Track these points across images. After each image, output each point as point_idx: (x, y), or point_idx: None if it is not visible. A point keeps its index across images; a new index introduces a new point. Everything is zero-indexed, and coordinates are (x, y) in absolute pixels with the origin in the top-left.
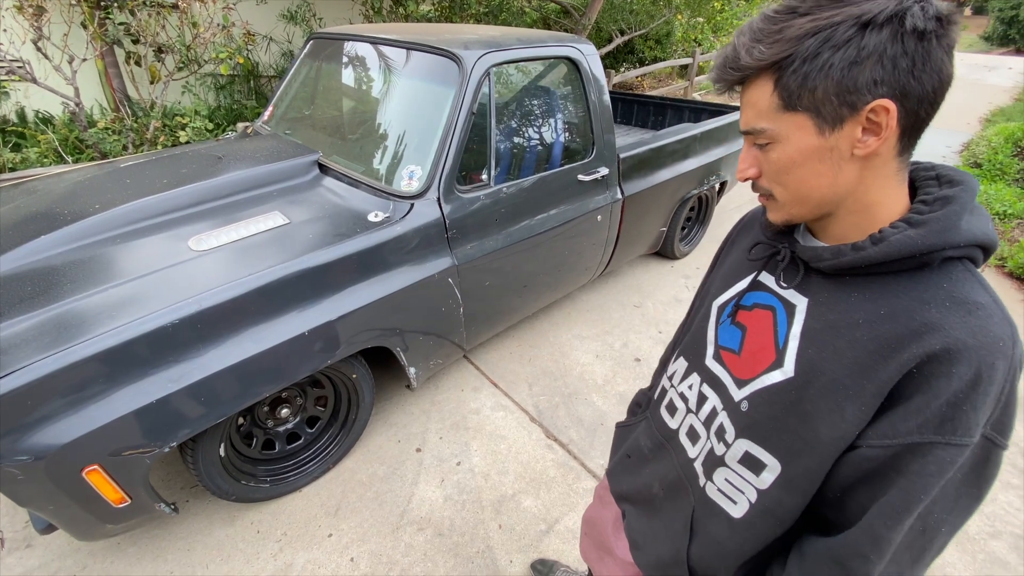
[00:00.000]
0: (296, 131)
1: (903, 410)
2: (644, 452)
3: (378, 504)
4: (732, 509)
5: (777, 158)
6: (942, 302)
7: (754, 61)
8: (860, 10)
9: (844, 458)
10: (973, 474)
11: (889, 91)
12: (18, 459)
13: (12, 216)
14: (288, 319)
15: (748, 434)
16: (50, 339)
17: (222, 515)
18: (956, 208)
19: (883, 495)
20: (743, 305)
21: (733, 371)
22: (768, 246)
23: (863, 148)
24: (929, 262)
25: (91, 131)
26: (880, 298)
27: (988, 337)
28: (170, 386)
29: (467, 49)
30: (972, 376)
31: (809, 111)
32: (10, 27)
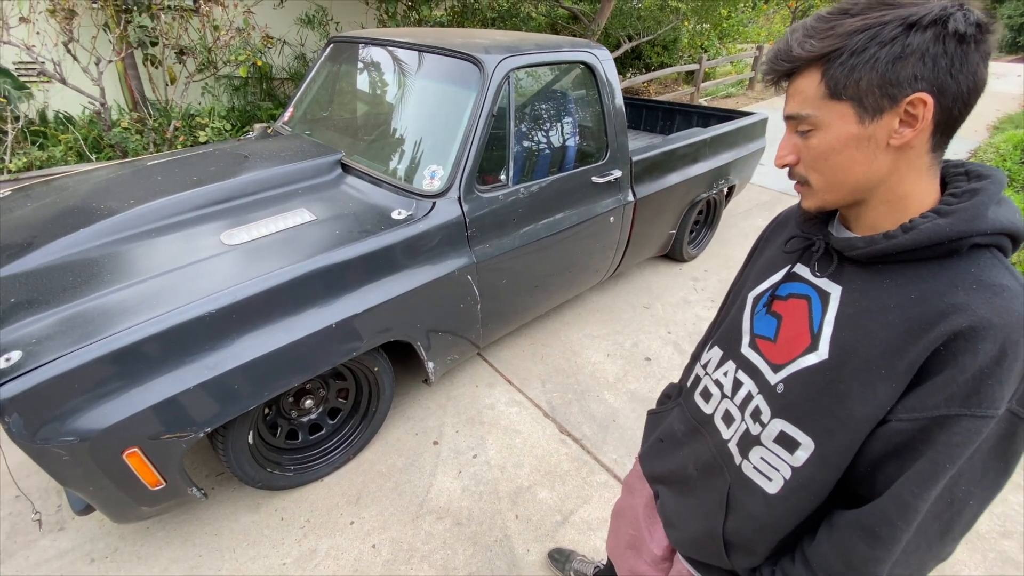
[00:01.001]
0: (316, 132)
1: (931, 385)
2: (678, 436)
3: (398, 494)
4: (768, 486)
5: (817, 144)
6: (969, 285)
7: (806, 53)
8: (907, 12)
9: (875, 433)
10: (1000, 448)
11: (927, 87)
12: (64, 440)
13: (48, 211)
14: (317, 312)
15: (783, 414)
16: (94, 327)
17: (247, 502)
18: (983, 199)
19: (911, 466)
20: (778, 295)
21: (769, 357)
22: (803, 239)
23: (898, 139)
24: (957, 249)
25: (114, 131)
26: (911, 284)
27: (1013, 316)
28: (207, 373)
29: (488, 54)
30: (997, 352)
31: (852, 100)
32: (42, 30)
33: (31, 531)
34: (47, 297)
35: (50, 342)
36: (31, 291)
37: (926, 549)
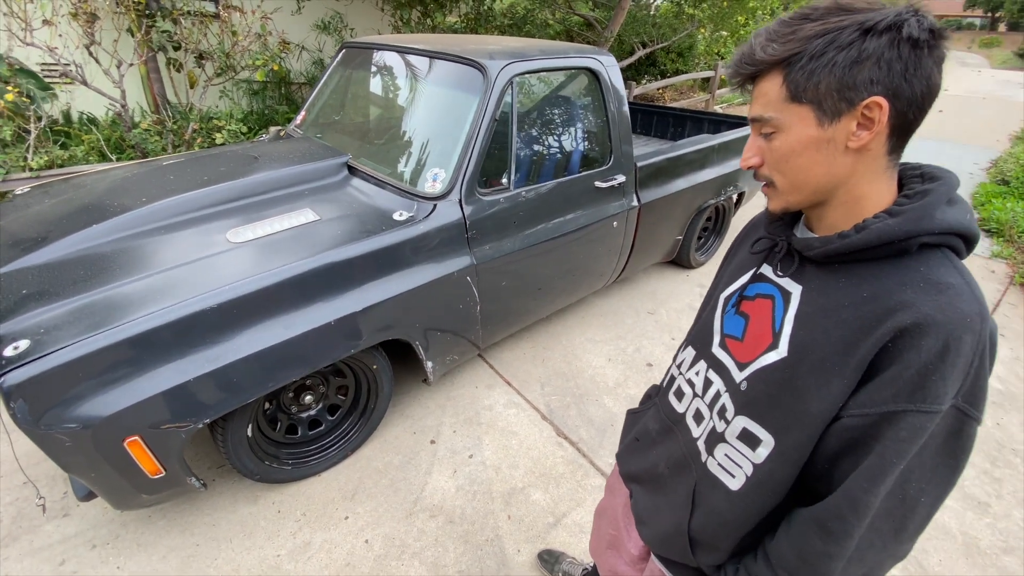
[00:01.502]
0: (327, 135)
1: (879, 381)
2: (652, 435)
3: (393, 491)
4: (730, 482)
5: (779, 146)
6: (916, 283)
7: (768, 56)
8: (864, 17)
9: (829, 429)
10: (947, 445)
11: (883, 90)
12: (67, 427)
13: (65, 207)
14: (316, 309)
15: (746, 411)
16: (100, 318)
17: (246, 494)
18: (933, 200)
19: (861, 462)
20: (746, 295)
21: (736, 356)
22: (768, 240)
23: (856, 141)
24: (907, 248)
25: (134, 132)
26: (864, 282)
27: (956, 313)
28: (207, 366)
29: (492, 59)
30: (940, 348)
31: (812, 103)
32: (65, 32)
33: (37, 516)
34: (57, 289)
35: (57, 332)
36: (43, 283)
37: (881, 547)
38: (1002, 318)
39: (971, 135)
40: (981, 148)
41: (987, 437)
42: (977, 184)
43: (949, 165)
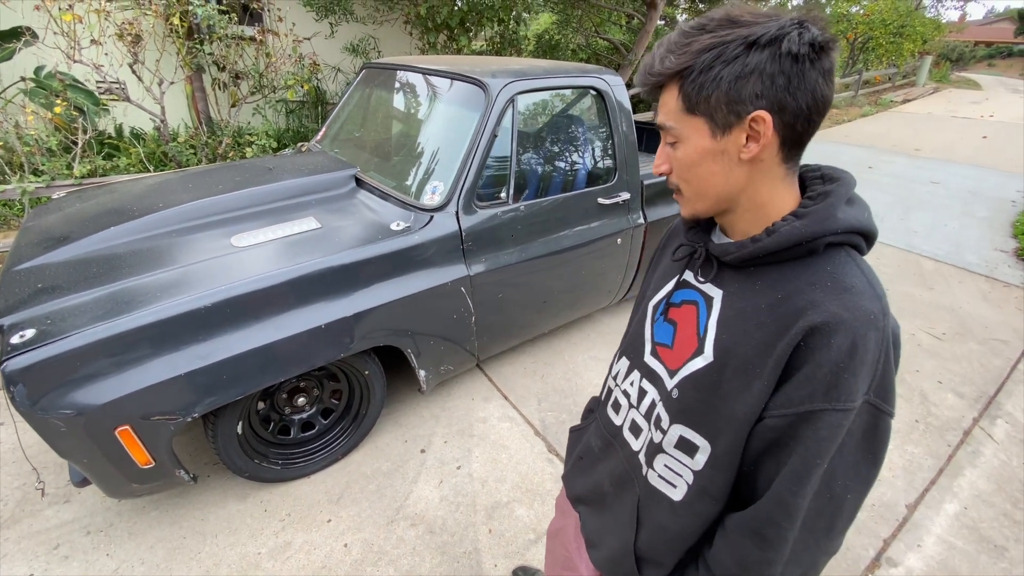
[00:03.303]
0: (343, 150)
1: (795, 381)
2: (595, 452)
3: (378, 497)
4: (672, 493)
5: (681, 156)
6: (824, 283)
7: (664, 69)
8: (749, 31)
9: (753, 431)
10: (866, 440)
11: (767, 104)
12: (62, 412)
13: (91, 210)
14: (308, 312)
15: (680, 419)
16: (104, 311)
17: (236, 491)
18: (833, 200)
19: (785, 464)
20: (673, 303)
21: (667, 363)
22: (688, 246)
23: (747, 153)
24: (815, 249)
25: (172, 144)
26: (778, 284)
27: (860, 311)
28: (198, 362)
29: (494, 77)
30: (848, 346)
31: (705, 116)
32: (110, 52)
33: (40, 500)
34: (69, 284)
35: (62, 323)
36: (57, 279)
37: (815, 546)
38: None
39: (1016, 163)
40: (1010, 175)
41: (1011, 477)
42: (1020, 212)
43: (990, 193)
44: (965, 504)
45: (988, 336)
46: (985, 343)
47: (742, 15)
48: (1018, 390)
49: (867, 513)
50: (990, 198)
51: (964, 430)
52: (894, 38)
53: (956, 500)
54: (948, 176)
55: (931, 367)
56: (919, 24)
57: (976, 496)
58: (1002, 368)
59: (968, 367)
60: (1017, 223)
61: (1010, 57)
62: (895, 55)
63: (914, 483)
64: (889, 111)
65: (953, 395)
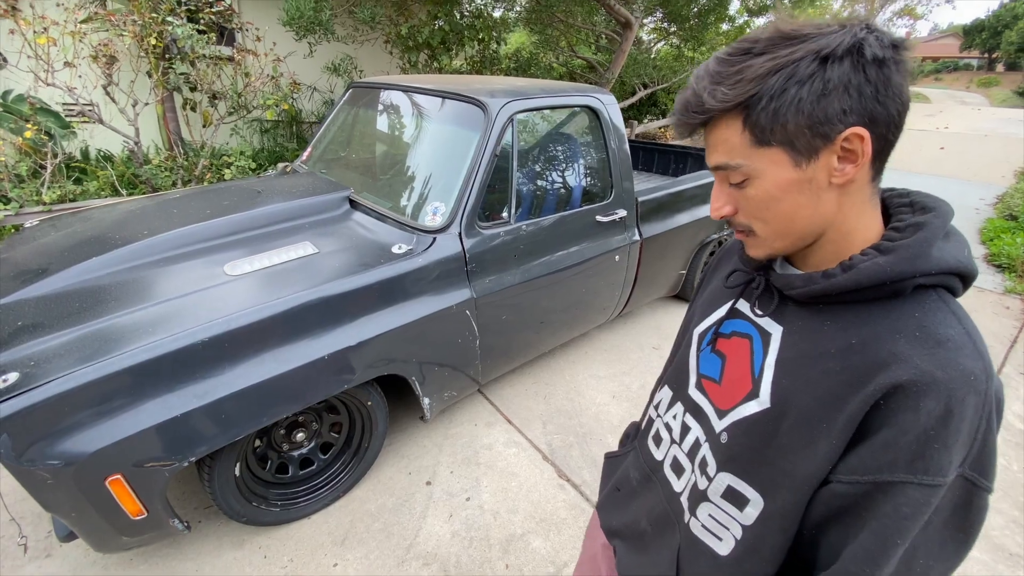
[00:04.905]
0: (331, 170)
1: (871, 445)
2: (632, 485)
3: (385, 536)
4: (718, 546)
5: (756, 194)
6: (912, 332)
7: (719, 103)
8: (818, 45)
9: (817, 495)
10: (956, 518)
11: (859, 119)
12: (49, 463)
13: (68, 240)
14: (310, 343)
15: (729, 467)
16: (90, 351)
17: (232, 537)
18: (927, 235)
19: (856, 537)
20: (722, 333)
21: (715, 401)
22: (744, 273)
23: (841, 176)
24: (901, 291)
25: (146, 167)
26: (852, 327)
27: (957, 371)
28: (195, 402)
29: (492, 97)
30: (941, 411)
31: (783, 145)
32: (84, 74)
33: (19, 555)
34: (52, 321)
35: (47, 365)
36: (38, 315)
37: None
38: (1022, 356)
39: (974, 171)
40: (985, 184)
41: (1013, 482)
42: (985, 219)
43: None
44: None
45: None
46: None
47: (799, 29)
48: (1009, 393)
49: None
50: (954, 206)
51: None
52: None
53: None
54: (911, 186)
55: None
56: None
57: None
58: None
59: None
60: (984, 230)
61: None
62: None
63: None
64: None
65: None
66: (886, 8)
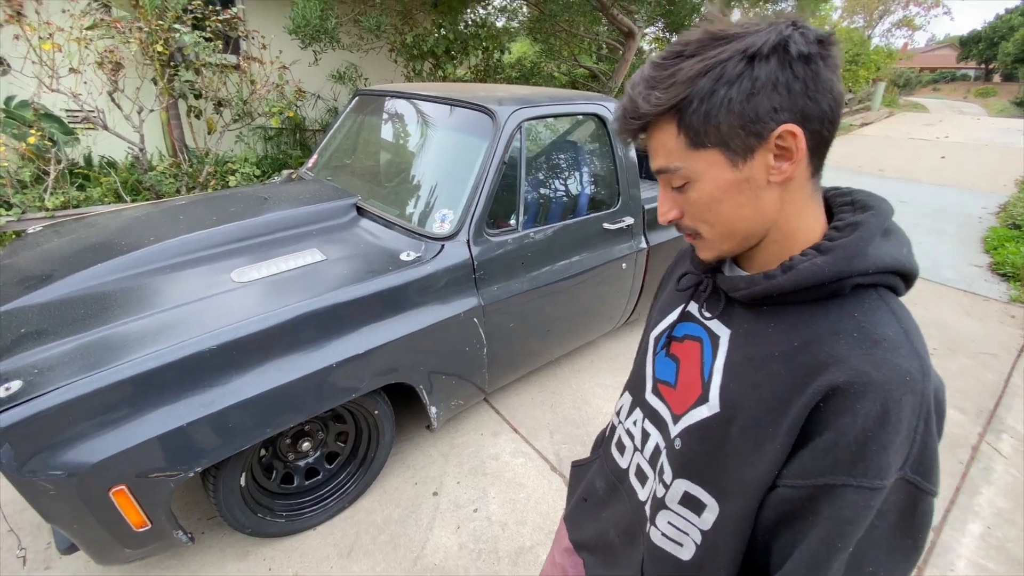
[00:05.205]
0: (338, 177)
1: (813, 448)
2: (599, 495)
3: (392, 547)
4: (680, 552)
5: (697, 197)
6: (850, 333)
7: (652, 107)
8: (744, 44)
9: (766, 499)
10: (902, 523)
11: (790, 116)
12: (52, 474)
13: (72, 246)
14: (318, 351)
15: (685, 473)
16: (94, 359)
17: (236, 549)
18: (864, 234)
19: (803, 541)
20: (675, 336)
21: (671, 405)
22: (694, 276)
23: (779, 175)
24: (840, 291)
25: (151, 174)
26: (794, 329)
27: (893, 371)
28: (201, 411)
29: (501, 105)
30: (878, 412)
31: (719, 146)
32: (89, 80)
33: (17, 568)
34: (57, 328)
35: (52, 372)
36: (43, 322)
37: None
38: None
39: (975, 180)
40: (987, 193)
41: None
42: (988, 228)
43: (955, 210)
44: (988, 524)
45: (977, 350)
46: (975, 357)
47: (726, 29)
48: (1016, 403)
49: None
50: (957, 215)
51: (972, 446)
52: (850, 66)
53: (979, 520)
54: (914, 195)
55: None
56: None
57: (996, 514)
58: (996, 382)
59: (964, 382)
60: (987, 238)
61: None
62: (851, 82)
63: None
64: (850, 134)
65: (955, 411)
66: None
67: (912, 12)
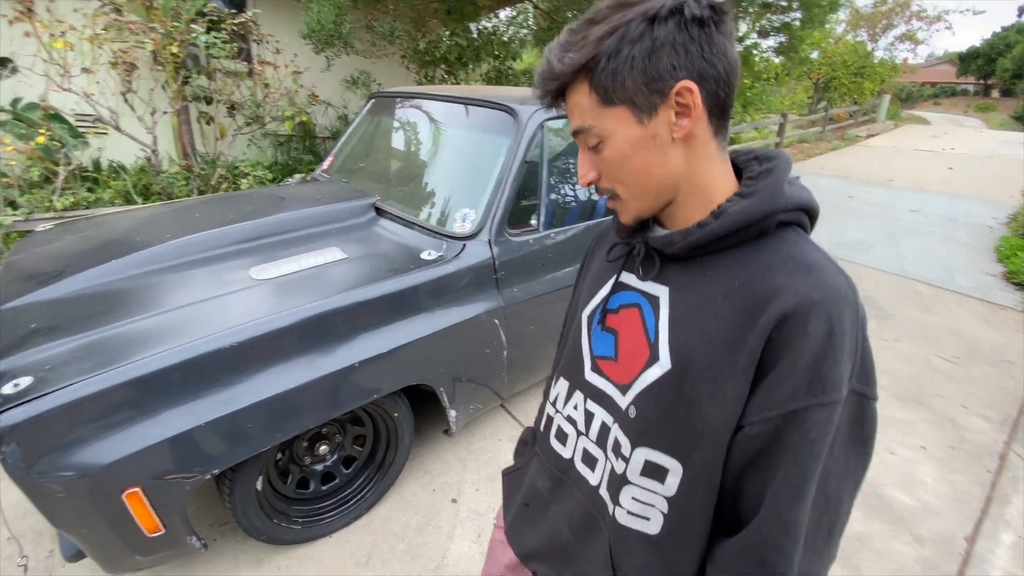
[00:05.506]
0: (353, 179)
1: (772, 379)
2: (543, 495)
3: (411, 557)
4: (648, 527)
5: (610, 155)
6: (785, 264)
7: (566, 67)
8: (645, 8)
9: (732, 443)
10: (855, 434)
11: (688, 75)
12: (62, 475)
13: (85, 243)
14: (342, 349)
15: (643, 440)
16: (108, 356)
17: (249, 557)
18: (778, 176)
19: (776, 475)
20: (610, 309)
21: (614, 379)
22: (624, 245)
23: (680, 130)
24: (766, 229)
25: (163, 175)
26: (732, 272)
27: (831, 290)
28: (221, 409)
29: (523, 104)
30: (826, 330)
31: (626, 103)
32: (103, 80)
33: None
34: (69, 324)
35: (65, 369)
36: (54, 318)
37: (818, 561)
38: None
39: (983, 191)
40: (995, 203)
41: None
42: (999, 238)
43: (966, 220)
44: (1020, 533)
45: (997, 358)
46: (996, 365)
47: None
48: None
49: (929, 549)
50: (968, 224)
51: (999, 455)
52: (855, 78)
53: (1010, 529)
54: (925, 205)
55: (952, 391)
56: (879, 65)
57: None
58: (1017, 389)
59: (986, 390)
60: (999, 248)
61: (953, 96)
62: (857, 93)
63: (967, 513)
64: (856, 145)
65: (980, 419)
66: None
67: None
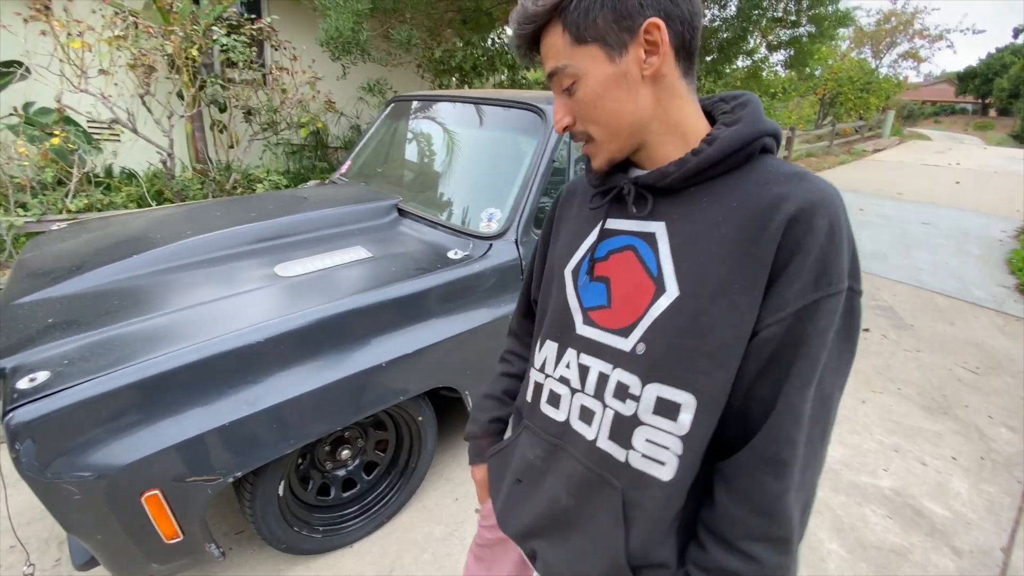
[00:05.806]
0: (372, 182)
1: (785, 279)
2: (537, 465)
3: (436, 568)
4: (660, 472)
5: (583, 95)
6: (776, 178)
7: (540, 8)
8: None
9: (747, 353)
10: (844, 328)
11: (655, 12)
12: (78, 475)
13: (103, 240)
14: (369, 348)
15: (654, 376)
16: (129, 351)
17: (267, 567)
18: (755, 107)
19: (790, 372)
20: (598, 257)
21: (611, 326)
22: (609, 189)
23: (650, 68)
24: (752, 152)
25: (179, 178)
26: (725, 195)
27: (824, 192)
28: (246, 409)
29: (549, 103)
30: (829, 226)
31: (597, 41)
32: (121, 81)
33: None
34: (88, 319)
35: (84, 364)
36: (72, 313)
37: (814, 460)
38: None
39: (991, 205)
40: (1003, 217)
41: None
42: (1010, 250)
43: (977, 233)
44: None
45: (1017, 369)
46: (1017, 376)
47: None
48: None
49: (968, 560)
50: (979, 237)
51: None
52: (861, 93)
53: None
54: (935, 218)
55: (977, 402)
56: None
57: None
58: None
59: (1010, 400)
60: (1011, 260)
61: (953, 114)
62: (863, 109)
63: (1001, 524)
64: (863, 159)
65: (1006, 429)
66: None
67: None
